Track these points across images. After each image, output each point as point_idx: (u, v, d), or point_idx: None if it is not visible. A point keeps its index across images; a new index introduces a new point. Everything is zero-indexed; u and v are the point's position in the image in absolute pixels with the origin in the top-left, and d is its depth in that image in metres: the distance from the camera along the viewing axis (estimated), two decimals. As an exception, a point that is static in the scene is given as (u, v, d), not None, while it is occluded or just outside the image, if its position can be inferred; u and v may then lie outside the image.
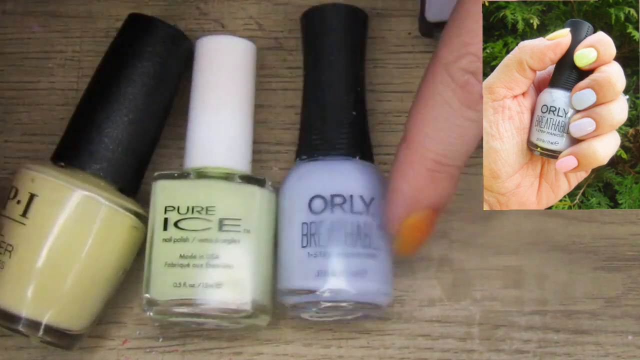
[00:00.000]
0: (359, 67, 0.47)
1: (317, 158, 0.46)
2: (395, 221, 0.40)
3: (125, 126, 0.45)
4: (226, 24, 0.51)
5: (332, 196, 0.44)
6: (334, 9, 0.47)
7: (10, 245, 0.43)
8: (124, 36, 0.47)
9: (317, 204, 0.44)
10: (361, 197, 0.44)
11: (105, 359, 0.47)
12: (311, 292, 0.43)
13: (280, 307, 0.45)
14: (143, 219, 0.45)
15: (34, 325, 0.43)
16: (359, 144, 0.46)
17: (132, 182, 0.46)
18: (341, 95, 0.46)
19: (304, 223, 0.44)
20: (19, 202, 0.43)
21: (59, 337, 0.44)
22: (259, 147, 0.49)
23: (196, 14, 0.51)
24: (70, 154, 0.45)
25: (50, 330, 0.43)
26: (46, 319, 0.43)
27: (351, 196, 0.44)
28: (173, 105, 0.48)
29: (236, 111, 0.46)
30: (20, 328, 0.42)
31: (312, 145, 0.46)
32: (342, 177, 0.45)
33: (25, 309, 0.42)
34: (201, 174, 0.44)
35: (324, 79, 0.46)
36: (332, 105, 0.46)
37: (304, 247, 0.43)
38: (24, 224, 0.43)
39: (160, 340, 0.47)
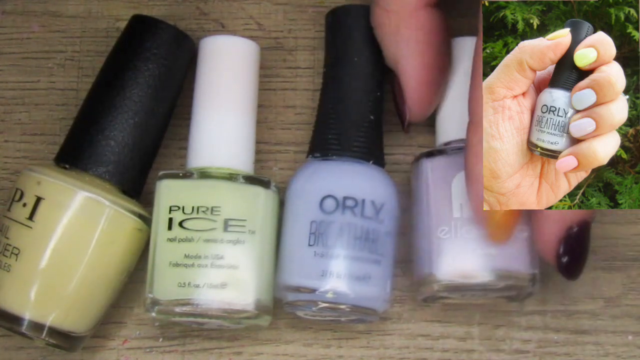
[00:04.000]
0: (380, 72, 0.47)
1: (331, 157, 0.45)
2: (481, 207, 0.40)
3: (130, 129, 0.45)
4: (226, 24, 0.51)
5: (345, 198, 0.44)
6: (364, 10, 0.47)
7: (17, 248, 0.43)
8: (128, 38, 0.47)
9: (329, 203, 0.44)
10: (372, 202, 0.44)
11: (105, 359, 0.47)
12: (313, 290, 0.43)
13: (276, 301, 0.45)
14: (147, 221, 0.45)
15: (39, 327, 0.43)
16: (373, 148, 0.46)
17: (136, 184, 0.46)
18: (362, 98, 0.46)
19: (313, 221, 0.44)
20: (25, 205, 0.43)
21: (63, 339, 0.44)
22: (258, 147, 0.49)
23: (196, 14, 0.51)
24: (75, 156, 0.45)
25: (54, 332, 0.43)
26: (50, 321, 0.43)
27: (363, 200, 0.44)
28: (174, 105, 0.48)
29: (239, 111, 0.46)
30: (25, 330, 0.42)
31: (327, 144, 0.45)
32: (356, 180, 0.44)
33: (30, 312, 0.42)
34: (204, 174, 0.44)
35: (347, 79, 0.46)
36: (352, 106, 0.46)
37: (310, 245, 0.43)
38: (30, 227, 0.43)
39: (160, 340, 0.47)
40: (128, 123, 0.45)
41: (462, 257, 0.43)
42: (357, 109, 0.46)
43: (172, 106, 0.47)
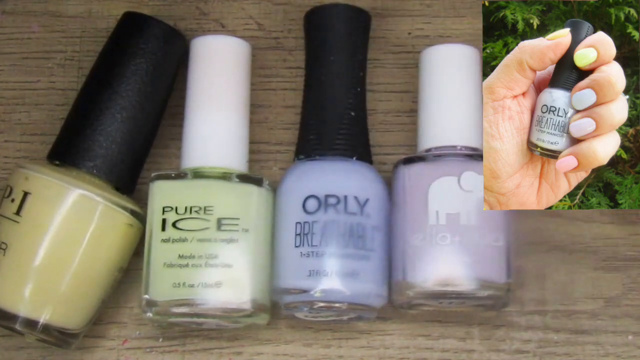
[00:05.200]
0: (359, 68, 0.47)
1: (314, 158, 0.46)
2: None
3: (118, 123, 0.45)
4: (226, 24, 0.51)
5: (326, 196, 0.44)
6: (336, 8, 0.47)
7: (4, 243, 0.43)
8: (118, 34, 0.47)
9: (311, 203, 0.44)
10: (355, 198, 0.44)
11: (105, 359, 0.47)
12: (303, 291, 0.43)
13: (274, 305, 0.45)
14: (139, 216, 0.45)
15: (31, 323, 0.43)
16: (356, 144, 0.46)
17: (127, 180, 0.46)
18: (339, 96, 0.46)
19: (297, 223, 0.44)
20: (12, 200, 0.43)
21: (56, 336, 0.44)
22: (258, 147, 0.49)
23: (196, 14, 0.51)
24: (64, 152, 0.45)
25: (47, 328, 0.43)
26: (43, 317, 0.43)
27: (345, 197, 0.44)
28: (174, 105, 0.48)
29: (231, 110, 0.46)
30: (17, 327, 0.42)
31: (309, 145, 0.46)
32: (337, 177, 0.45)
33: (21, 307, 0.42)
34: (198, 174, 0.44)
35: (323, 79, 0.46)
36: (330, 106, 0.46)
37: (297, 246, 0.44)
38: (17, 222, 0.43)
39: (160, 340, 0.47)
40: (115, 118, 0.45)
41: (436, 264, 0.43)
42: (335, 107, 0.46)
43: (163, 101, 0.47)
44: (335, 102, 0.46)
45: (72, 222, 0.43)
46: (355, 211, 0.44)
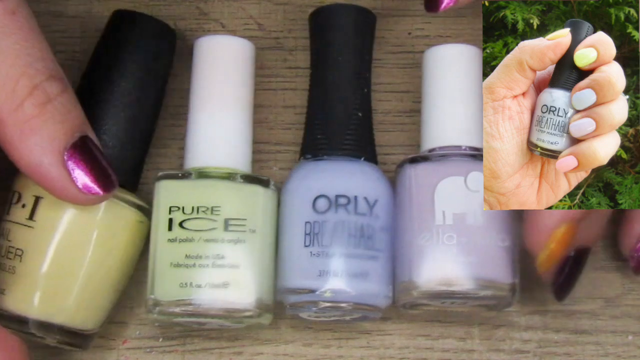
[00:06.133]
0: (365, 69, 0.47)
1: (322, 158, 0.46)
2: (545, 233, 0.40)
3: (117, 120, 0.45)
4: (226, 24, 0.51)
5: (337, 196, 0.44)
6: (344, 8, 0.47)
7: (20, 249, 0.43)
8: (109, 32, 0.47)
9: (321, 203, 0.44)
10: (365, 198, 0.44)
11: (105, 359, 0.47)
12: (312, 291, 0.43)
13: (278, 305, 0.45)
14: (147, 212, 0.45)
15: (49, 327, 0.43)
16: (364, 145, 0.46)
17: (130, 177, 0.46)
18: (348, 96, 0.46)
19: (307, 222, 0.44)
20: (24, 205, 0.43)
21: (74, 337, 0.44)
22: (258, 147, 0.49)
23: (196, 14, 0.51)
24: None
25: (64, 331, 0.43)
26: (59, 320, 0.43)
27: (355, 197, 0.44)
28: (174, 105, 0.48)
29: (235, 110, 0.46)
30: (35, 331, 0.42)
31: (317, 144, 0.46)
32: (347, 177, 0.45)
33: (38, 312, 0.42)
34: (203, 174, 0.44)
35: (331, 78, 0.46)
36: (339, 105, 0.46)
37: (306, 246, 0.43)
38: (31, 227, 0.43)
39: (160, 340, 0.47)
40: (119, 116, 0.45)
41: (442, 264, 0.43)
42: (344, 107, 0.46)
43: (158, 97, 0.47)
44: (344, 103, 0.46)
45: (83, 222, 0.43)
46: (365, 212, 0.44)
